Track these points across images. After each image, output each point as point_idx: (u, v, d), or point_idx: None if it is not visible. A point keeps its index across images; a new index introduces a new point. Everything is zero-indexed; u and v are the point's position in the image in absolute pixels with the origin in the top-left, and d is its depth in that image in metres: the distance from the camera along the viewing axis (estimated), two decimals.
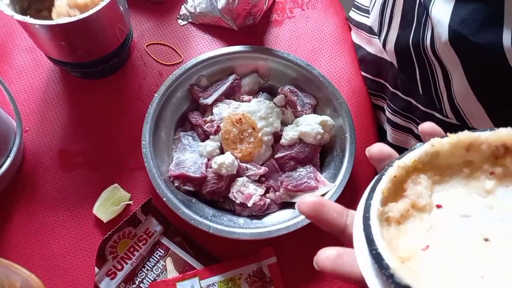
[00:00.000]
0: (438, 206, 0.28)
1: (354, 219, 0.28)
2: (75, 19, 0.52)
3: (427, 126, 0.31)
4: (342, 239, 0.30)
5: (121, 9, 0.59)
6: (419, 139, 0.61)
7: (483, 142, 0.28)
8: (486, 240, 0.26)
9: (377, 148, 0.31)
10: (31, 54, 0.67)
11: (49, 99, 0.64)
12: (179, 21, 0.73)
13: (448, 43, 0.44)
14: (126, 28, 0.64)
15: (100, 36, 0.59)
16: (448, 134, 0.29)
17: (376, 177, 0.29)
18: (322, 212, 0.29)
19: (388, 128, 0.66)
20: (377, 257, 0.24)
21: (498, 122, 0.47)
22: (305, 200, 0.30)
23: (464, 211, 0.27)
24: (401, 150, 0.30)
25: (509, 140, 0.27)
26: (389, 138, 0.67)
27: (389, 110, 0.64)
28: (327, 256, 0.28)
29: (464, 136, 0.28)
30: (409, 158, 0.28)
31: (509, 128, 0.27)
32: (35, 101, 0.64)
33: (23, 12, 0.61)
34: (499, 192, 0.27)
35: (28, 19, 0.52)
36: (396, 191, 0.28)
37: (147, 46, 0.70)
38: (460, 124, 0.51)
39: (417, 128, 0.59)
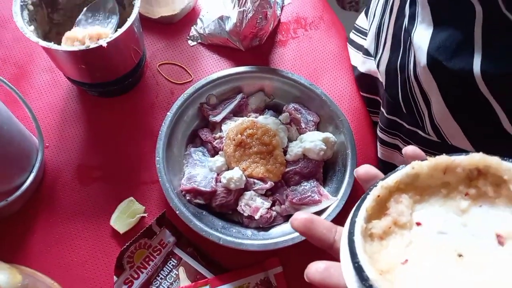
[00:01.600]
0: (418, 224, 0.31)
1: (341, 235, 0.31)
2: (96, 45, 0.56)
3: (410, 149, 0.34)
4: (331, 253, 0.33)
5: (137, 32, 0.63)
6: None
7: (458, 166, 0.31)
8: (460, 255, 0.28)
9: (364, 169, 0.35)
10: (50, 74, 0.72)
11: (68, 117, 0.68)
12: (189, 41, 0.78)
13: (426, 68, 0.47)
14: (141, 50, 0.68)
15: (117, 59, 0.63)
16: (427, 157, 0.32)
17: (362, 197, 0.32)
18: (312, 228, 0.33)
19: (378, 145, 0.70)
20: (358, 269, 0.27)
21: (475, 141, 0.50)
22: (297, 217, 0.33)
23: (441, 229, 0.30)
24: (389, 165, 0.33)
25: (481, 164, 0.30)
26: (378, 153, 0.70)
27: (378, 128, 0.67)
28: (315, 269, 0.31)
29: (441, 160, 0.31)
30: (392, 179, 0.31)
31: (481, 153, 0.30)
32: (55, 118, 0.68)
33: (45, 36, 0.65)
34: (473, 211, 0.30)
35: (52, 45, 0.56)
36: (380, 209, 0.31)
37: (159, 65, 0.75)
38: (441, 141, 0.54)
39: (403, 145, 0.63)
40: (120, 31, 0.57)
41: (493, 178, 0.30)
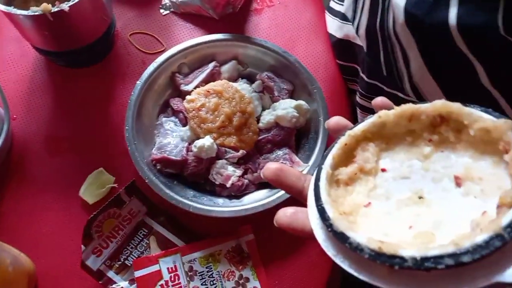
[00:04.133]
0: (383, 170, 0.32)
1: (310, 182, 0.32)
2: (57, 9, 0.54)
3: (379, 100, 0.34)
4: (300, 200, 0.34)
5: None
6: None
7: (422, 113, 0.31)
8: (420, 197, 0.29)
9: (334, 120, 0.35)
10: (17, 44, 0.69)
11: (35, 88, 0.67)
12: (161, 10, 0.75)
13: (404, 24, 0.47)
14: (109, 17, 0.66)
15: (83, 26, 0.60)
16: (394, 106, 0.32)
17: (330, 145, 0.32)
18: (282, 176, 0.34)
19: (358, 111, 0.69)
20: (321, 211, 0.28)
21: (453, 98, 0.50)
22: (268, 166, 0.34)
23: (404, 174, 0.31)
24: None
25: (443, 110, 0.30)
26: (359, 120, 0.69)
27: (358, 94, 0.67)
28: (283, 213, 0.32)
29: (407, 108, 0.31)
30: (359, 128, 0.32)
31: (443, 100, 0.31)
32: (22, 90, 0.66)
33: (10, 2, 0.62)
34: (435, 156, 0.31)
35: (11, 10, 0.54)
36: (347, 158, 0.32)
37: (130, 35, 0.73)
38: (421, 101, 0.54)
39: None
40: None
41: (455, 124, 0.31)
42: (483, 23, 0.40)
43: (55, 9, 0.54)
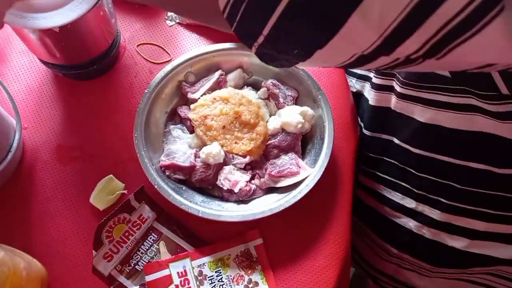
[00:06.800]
0: None
1: None
2: (61, 23, 0.55)
3: None
4: None
5: (107, 13, 0.62)
6: (398, 95, 0.63)
7: None
8: None
9: None
10: (27, 56, 0.71)
11: (45, 98, 0.68)
12: (167, 21, 0.77)
13: None
14: (114, 30, 0.67)
15: (87, 40, 0.62)
16: None
17: None
18: None
19: (372, 92, 0.68)
20: None
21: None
22: None
23: None
24: (381, 109, 0.32)
25: None
26: (371, 101, 0.69)
27: (375, 74, 0.67)
28: None
29: None
30: None
31: None
32: (33, 100, 0.68)
33: None
34: None
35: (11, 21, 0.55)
36: None
37: (137, 46, 0.74)
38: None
39: (397, 83, 0.62)
40: (74, 15, 0.56)
41: None
42: None
43: (58, 23, 0.55)
